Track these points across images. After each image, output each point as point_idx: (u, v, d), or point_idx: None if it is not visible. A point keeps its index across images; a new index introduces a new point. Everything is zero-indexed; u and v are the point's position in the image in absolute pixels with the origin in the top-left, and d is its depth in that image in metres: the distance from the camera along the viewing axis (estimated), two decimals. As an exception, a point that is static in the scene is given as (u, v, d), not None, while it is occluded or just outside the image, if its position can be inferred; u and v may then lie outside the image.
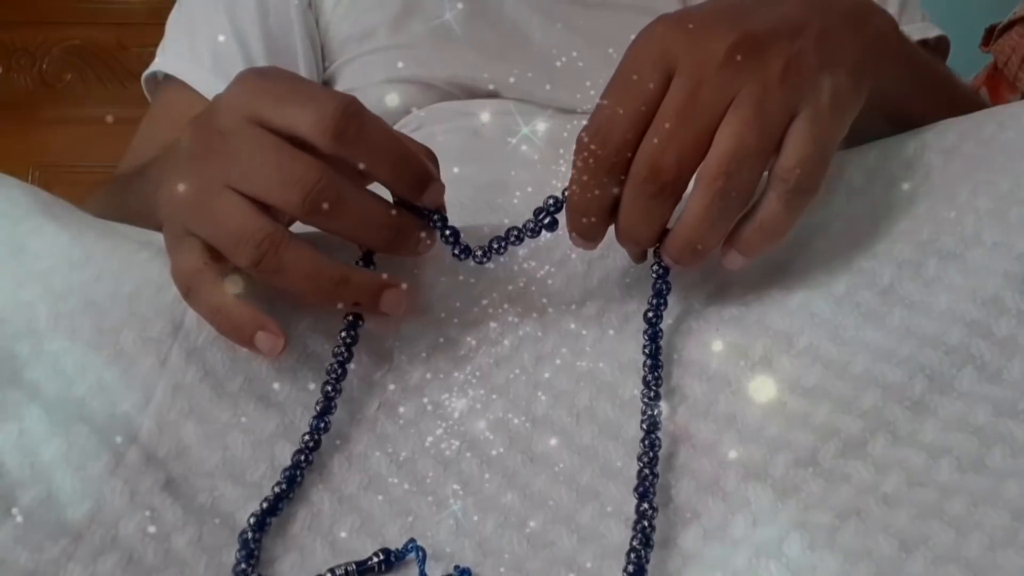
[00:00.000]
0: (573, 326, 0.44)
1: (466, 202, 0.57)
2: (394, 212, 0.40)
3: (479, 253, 0.42)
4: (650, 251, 0.43)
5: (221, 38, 0.72)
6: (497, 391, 0.42)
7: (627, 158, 0.39)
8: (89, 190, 0.69)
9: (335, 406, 0.41)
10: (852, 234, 0.44)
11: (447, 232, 0.42)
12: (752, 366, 0.41)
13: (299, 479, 0.39)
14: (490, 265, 0.43)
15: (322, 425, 0.40)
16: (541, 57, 0.70)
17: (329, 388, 0.41)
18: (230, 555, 0.36)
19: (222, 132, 0.39)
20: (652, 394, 0.39)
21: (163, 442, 0.39)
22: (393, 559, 0.36)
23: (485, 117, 0.68)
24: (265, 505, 0.37)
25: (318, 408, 0.40)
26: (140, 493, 0.37)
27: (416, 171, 0.40)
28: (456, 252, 0.42)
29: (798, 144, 0.38)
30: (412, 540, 0.36)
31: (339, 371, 0.41)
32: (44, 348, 0.40)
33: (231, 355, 0.41)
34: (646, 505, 0.36)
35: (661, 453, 0.39)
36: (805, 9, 0.41)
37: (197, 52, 0.73)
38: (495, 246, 0.42)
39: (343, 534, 0.38)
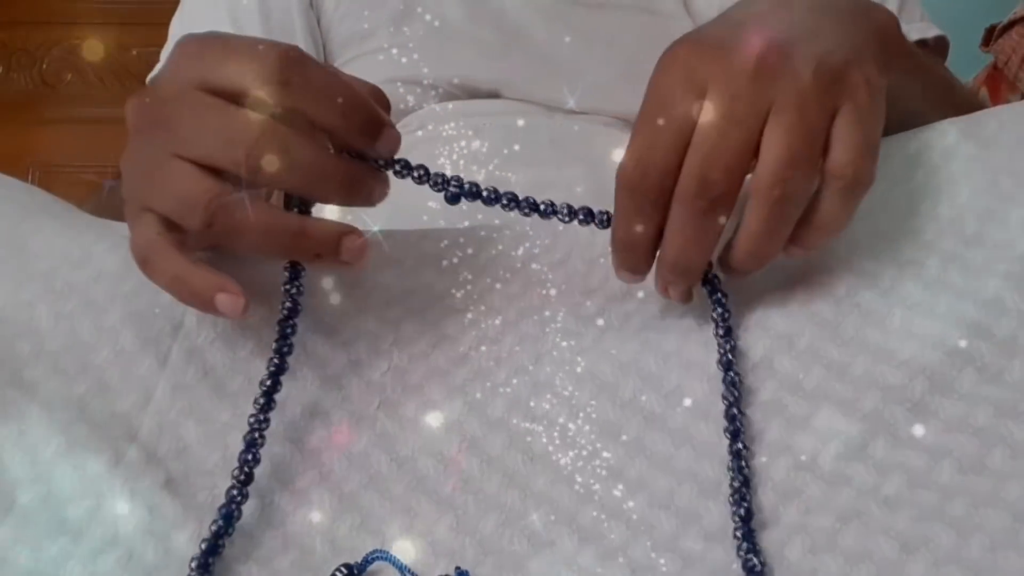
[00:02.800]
0: (573, 326, 0.44)
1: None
2: (345, 160, 0.39)
3: (451, 185, 0.41)
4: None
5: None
6: (497, 391, 0.42)
7: (670, 185, 0.38)
8: (89, 190, 0.69)
9: (280, 384, 0.40)
10: (852, 235, 0.44)
11: (403, 170, 0.40)
12: (752, 367, 0.41)
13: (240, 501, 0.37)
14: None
15: (264, 419, 0.39)
16: (542, 57, 0.70)
17: (276, 360, 0.40)
18: (230, 554, 0.36)
19: (164, 101, 0.38)
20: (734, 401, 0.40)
21: (163, 441, 0.39)
22: (356, 572, 0.35)
23: (486, 117, 0.68)
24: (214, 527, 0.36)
25: (264, 388, 0.39)
26: (140, 491, 0.37)
27: (367, 116, 0.39)
28: (416, 176, 0.40)
29: (847, 140, 0.38)
30: (376, 551, 0.36)
31: (289, 326, 0.40)
32: (44, 348, 0.40)
33: (231, 355, 0.41)
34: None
35: (661, 453, 0.39)
36: (813, 12, 0.41)
37: None
38: (485, 191, 0.41)
39: (343, 533, 0.38)
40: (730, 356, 0.41)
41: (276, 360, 0.40)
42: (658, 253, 0.41)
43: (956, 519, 0.33)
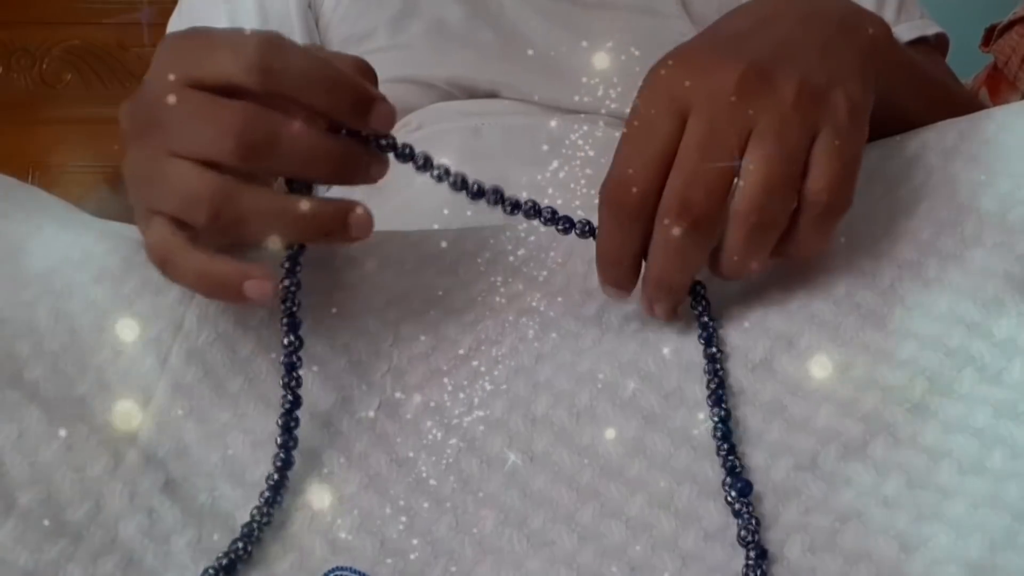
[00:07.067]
0: (573, 326, 0.44)
1: (466, 202, 0.57)
2: (338, 139, 0.39)
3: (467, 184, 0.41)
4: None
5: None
6: (497, 391, 0.42)
7: (653, 203, 0.38)
8: (89, 190, 0.69)
9: (299, 383, 0.40)
10: (852, 234, 0.44)
11: (406, 149, 0.40)
12: (752, 368, 0.41)
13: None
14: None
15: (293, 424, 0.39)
16: (541, 57, 0.70)
17: (290, 343, 0.40)
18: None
19: (153, 103, 0.38)
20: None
21: (163, 442, 0.39)
22: None
23: (485, 117, 0.68)
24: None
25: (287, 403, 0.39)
26: (139, 494, 0.37)
27: (355, 92, 0.39)
28: (434, 176, 0.40)
29: (823, 165, 0.38)
30: (336, 568, 0.36)
31: (292, 321, 0.40)
32: (44, 348, 0.40)
33: (231, 355, 0.41)
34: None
35: (660, 453, 0.39)
36: (801, 27, 0.41)
37: None
38: (475, 185, 0.41)
39: (343, 534, 0.38)
40: (717, 363, 0.41)
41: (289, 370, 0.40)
42: (643, 270, 0.41)
43: (955, 519, 0.33)
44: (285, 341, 0.40)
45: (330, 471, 0.40)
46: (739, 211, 0.38)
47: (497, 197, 0.41)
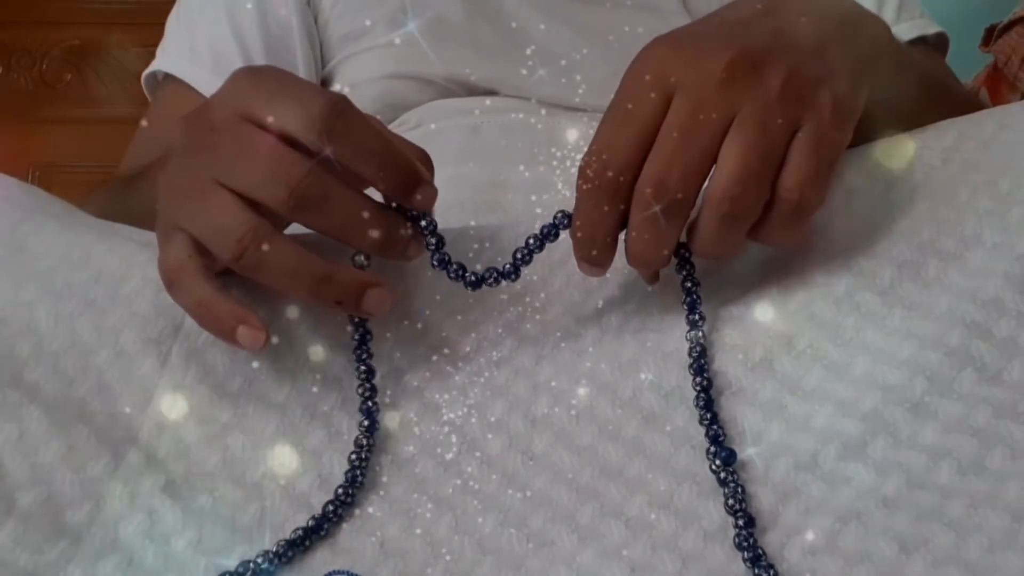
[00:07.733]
0: (573, 326, 0.44)
1: (465, 201, 0.57)
2: (382, 213, 0.40)
3: (486, 277, 0.42)
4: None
5: (220, 37, 0.73)
6: (497, 391, 0.42)
7: (630, 181, 0.38)
8: (89, 190, 0.69)
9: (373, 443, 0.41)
10: (852, 234, 0.44)
11: (432, 240, 0.41)
12: (752, 367, 0.41)
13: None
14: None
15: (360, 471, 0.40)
16: (540, 54, 0.70)
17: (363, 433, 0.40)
18: (230, 558, 0.36)
19: (214, 128, 0.39)
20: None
21: (163, 443, 0.39)
22: None
23: (484, 114, 0.68)
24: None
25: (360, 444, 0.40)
26: (140, 495, 0.37)
27: (404, 171, 0.40)
28: (451, 275, 0.41)
29: (800, 162, 0.38)
30: (334, 571, 0.36)
31: (370, 406, 0.41)
32: (44, 348, 0.40)
33: (231, 355, 0.41)
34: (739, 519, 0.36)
35: (660, 453, 0.39)
36: (800, 22, 0.41)
37: (197, 51, 0.73)
38: (499, 272, 0.42)
39: (342, 535, 0.38)
40: (699, 330, 0.41)
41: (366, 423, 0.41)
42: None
43: (955, 520, 0.33)
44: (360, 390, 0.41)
45: (330, 471, 0.40)
46: (712, 199, 0.38)
47: (496, 276, 0.42)
